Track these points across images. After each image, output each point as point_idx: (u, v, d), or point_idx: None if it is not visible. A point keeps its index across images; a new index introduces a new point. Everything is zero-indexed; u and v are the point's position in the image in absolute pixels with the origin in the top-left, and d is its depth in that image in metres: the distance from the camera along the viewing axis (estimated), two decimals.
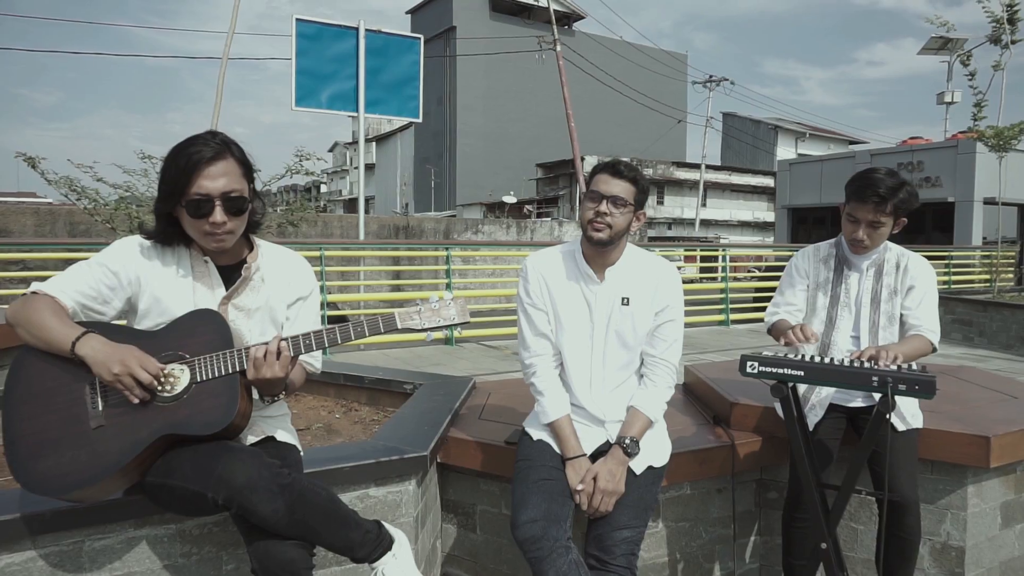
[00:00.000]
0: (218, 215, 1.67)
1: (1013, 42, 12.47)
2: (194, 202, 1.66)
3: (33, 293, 1.67)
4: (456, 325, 1.81)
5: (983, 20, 12.16)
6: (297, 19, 8.33)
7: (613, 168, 2.05)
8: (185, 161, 1.65)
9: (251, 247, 1.89)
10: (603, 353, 2.12)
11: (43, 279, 1.73)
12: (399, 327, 1.77)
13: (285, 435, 1.92)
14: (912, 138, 20.97)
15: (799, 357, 1.97)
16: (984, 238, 17.20)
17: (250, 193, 1.77)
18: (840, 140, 50.46)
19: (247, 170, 1.76)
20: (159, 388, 1.63)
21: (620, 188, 2.02)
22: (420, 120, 9.71)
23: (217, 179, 1.67)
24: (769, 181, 42.30)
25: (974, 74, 11.59)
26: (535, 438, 2.13)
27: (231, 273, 1.83)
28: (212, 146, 1.68)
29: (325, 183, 73.77)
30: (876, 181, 2.25)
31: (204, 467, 1.57)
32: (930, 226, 18.49)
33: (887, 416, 1.86)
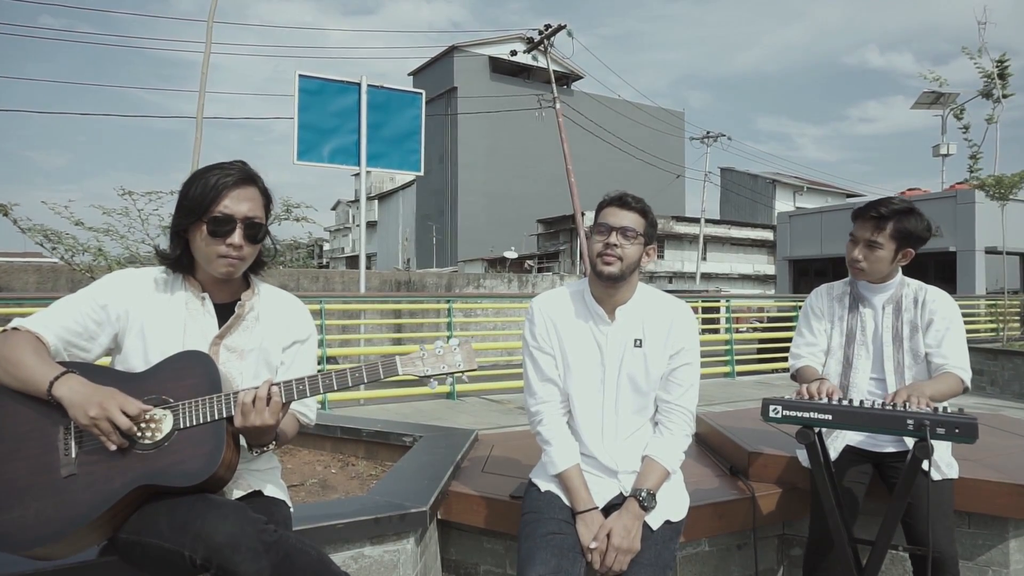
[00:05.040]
0: (237, 237, 1.64)
1: (1004, 96, 12.64)
2: (217, 220, 1.63)
3: (14, 329, 1.56)
4: (463, 372, 1.68)
5: (974, 77, 12.35)
6: (300, 75, 8.43)
7: (620, 200, 1.96)
8: (215, 181, 1.65)
9: (248, 286, 1.81)
10: (615, 398, 1.99)
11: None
12: (400, 373, 1.65)
13: (274, 489, 1.78)
14: (910, 189, 21.17)
15: (824, 400, 1.84)
16: (999, 288, 17.15)
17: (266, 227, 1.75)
18: (837, 193, 50.93)
19: (267, 203, 1.76)
20: (138, 434, 1.50)
21: (629, 219, 1.93)
22: (421, 173, 9.73)
23: (242, 202, 1.66)
24: (768, 234, 42.54)
25: (968, 127, 11.69)
26: (543, 489, 1.99)
27: (226, 312, 1.74)
28: (240, 171, 1.69)
29: (328, 241, 74.38)
30: (881, 202, 2.20)
31: (181, 522, 1.43)
32: (932, 276, 18.45)
33: (926, 463, 1.71)
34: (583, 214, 21.38)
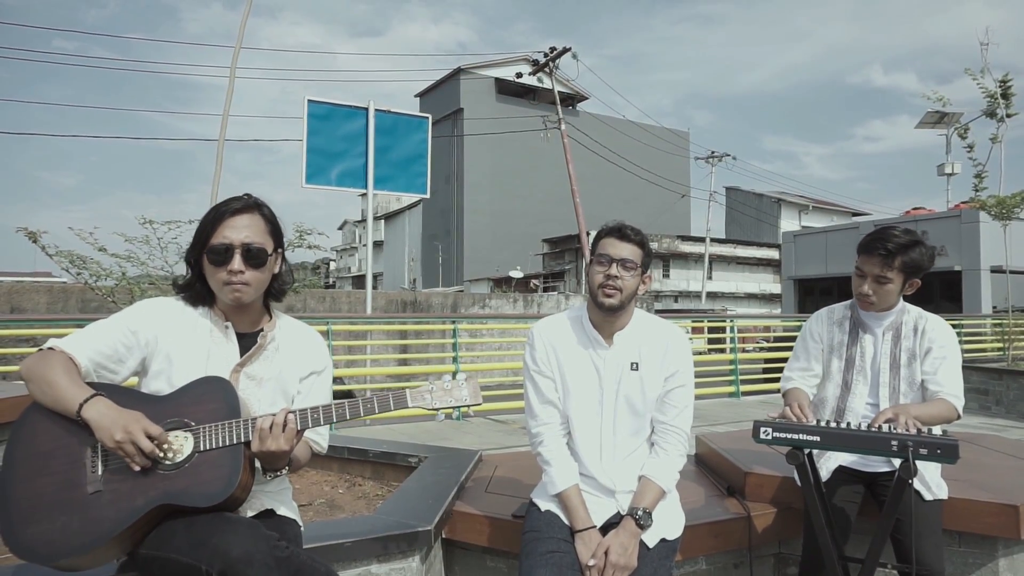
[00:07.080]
0: (236, 263, 1.71)
1: (1008, 115, 12.72)
2: (215, 249, 1.71)
3: (50, 348, 1.65)
4: (468, 407, 1.79)
5: (978, 95, 12.44)
6: (309, 100, 8.62)
7: (619, 231, 2.05)
8: (215, 213, 1.74)
9: (270, 317, 1.90)
10: (613, 420, 2.07)
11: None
12: (410, 405, 1.75)
13: (285, 509, 1.87)
14: (915, 208, 21.23)
15: (814, 422, 1.92)
16: (994, 307, 17.11)
17: (275, 255, 1.81)
18: (843, 212, 50.94)
19: (274, 231, 1.82)
20: (161, 456, 1.59)
21: (628, 251, 2.02)
22: (428, 196, 9.90)
23: (240, 230, 1.73)
24: (774, 253, 42.56)
25: (972, 146, 11.75)
26: (543, 509, 2.06)
27: (249, 341, 1.83)
28: (242, 200, 1.78)
29: (334, 260, 74.69)
30: (887, 236, 2.23)
31: (199, 538, 1.51)
32: (938, 295, 18.44)
33: (910, 483, 1.78)
34: (588, 234, 21.52)
